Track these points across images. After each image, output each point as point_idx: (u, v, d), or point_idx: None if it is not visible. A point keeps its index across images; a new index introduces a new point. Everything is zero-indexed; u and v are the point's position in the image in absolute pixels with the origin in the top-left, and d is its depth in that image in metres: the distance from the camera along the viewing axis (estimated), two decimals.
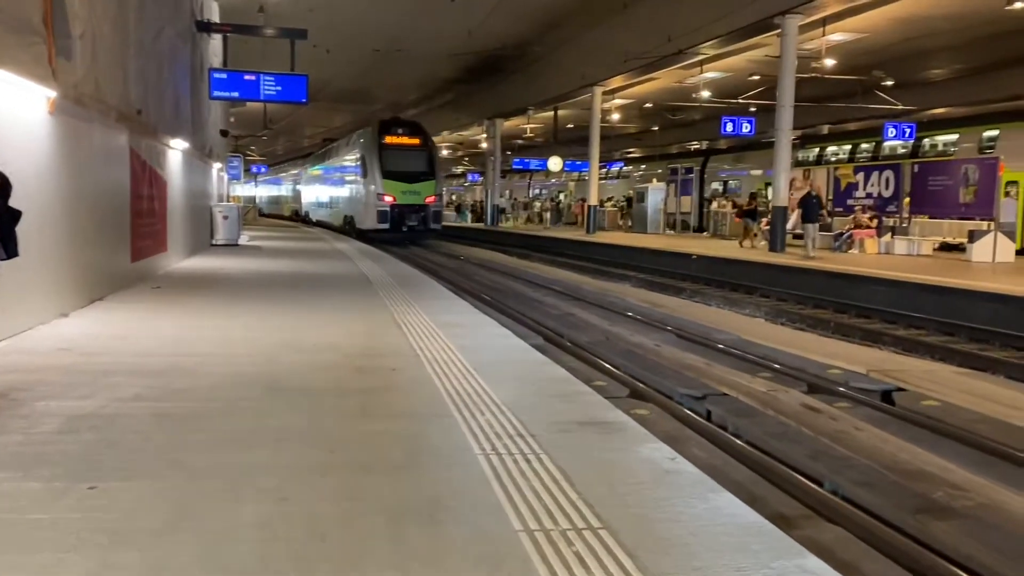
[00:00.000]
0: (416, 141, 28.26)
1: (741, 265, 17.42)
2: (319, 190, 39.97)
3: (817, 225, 19.12)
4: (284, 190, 55.66)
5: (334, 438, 4.08)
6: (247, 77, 16.27)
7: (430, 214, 27.65)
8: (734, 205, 27.39)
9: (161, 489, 3.31)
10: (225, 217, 20.49)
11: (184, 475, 3.49)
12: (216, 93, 16.32)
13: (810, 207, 18.76)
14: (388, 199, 26.89)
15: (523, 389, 5.23)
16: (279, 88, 16.38)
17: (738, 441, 5.27)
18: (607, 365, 7.85)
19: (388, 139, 27.70)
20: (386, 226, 27.07)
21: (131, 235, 10.57)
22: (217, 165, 22.39)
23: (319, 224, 37.32)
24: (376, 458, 3.79)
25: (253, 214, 45.02)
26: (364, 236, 26.70)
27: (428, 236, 28.44)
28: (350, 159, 30.84)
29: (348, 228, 30.19)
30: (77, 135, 8.17)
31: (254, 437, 4.05)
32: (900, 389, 6.65)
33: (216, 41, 19.16)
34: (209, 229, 20.14)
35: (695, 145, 44.82)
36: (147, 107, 11.48)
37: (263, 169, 61.90)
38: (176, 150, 14.20)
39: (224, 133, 23.18)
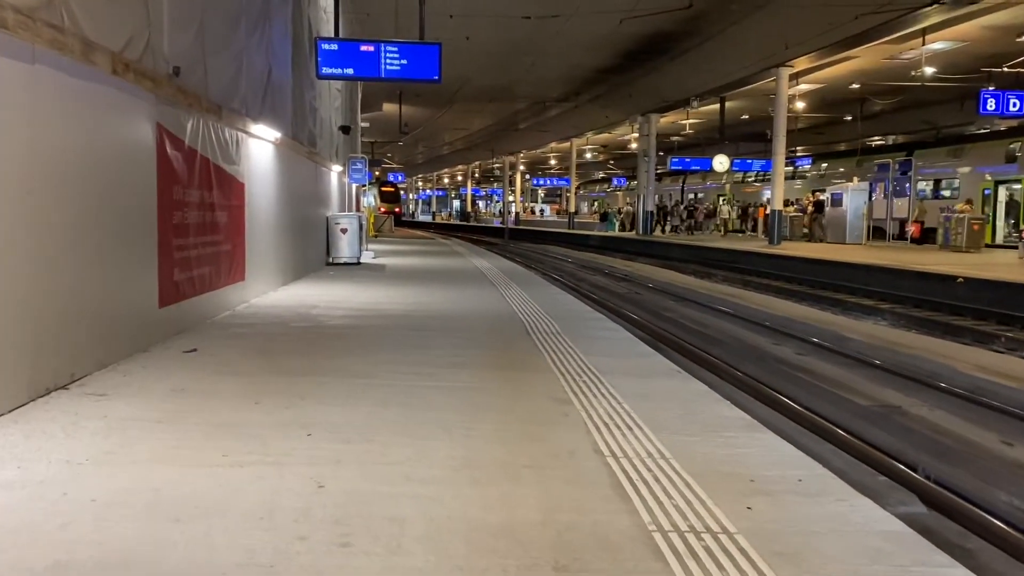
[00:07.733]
0: (392, 188, 60.25)
1: None
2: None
3: None
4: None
5: None
6: (364, 48, 12.52)
7: (395, 215, 55.05)
8: None
9: None
10: (344, 230, 16.88)
11: None
12: (325, 70, 12.55)
13: None
14: (383, 209, 54.79)
15: None
16: (404, 62, 12.53)
17: None
18: None
19: (383, 188, 58.01)
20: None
21: (160, 261, 6.67)
22: (337, 168, 18.84)
23: None
24: None
25: (389, 225, 42.07)
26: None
27: (399, 224, 54.65)
28: (372, 191, 64.03)
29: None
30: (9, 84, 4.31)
31: None
32: None
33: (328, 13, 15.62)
34: (324, 246, 16.62)
35: (878, 140, 38.30)
36: (201, 70, 7.69)
37: (401, 177, 64.21)
38: (263, 140, 10.44)
39: (345, 130, 19.61)
